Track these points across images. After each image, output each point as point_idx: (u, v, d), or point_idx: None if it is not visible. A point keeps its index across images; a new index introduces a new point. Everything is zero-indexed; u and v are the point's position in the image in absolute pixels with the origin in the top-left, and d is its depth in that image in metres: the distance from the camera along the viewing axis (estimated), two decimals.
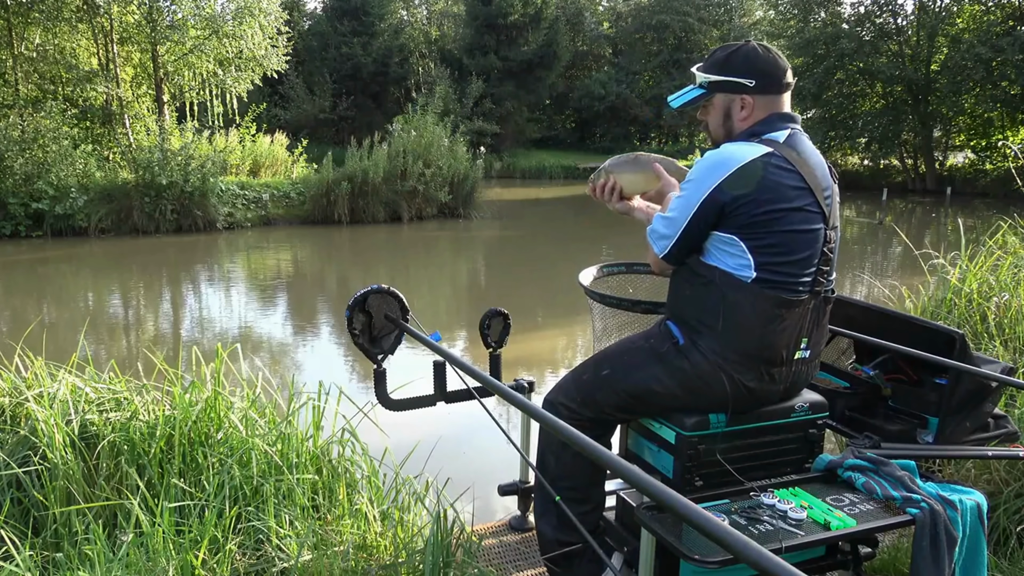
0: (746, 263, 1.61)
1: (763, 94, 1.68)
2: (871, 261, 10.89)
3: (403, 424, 2.61)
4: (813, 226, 1.62)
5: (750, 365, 1.63)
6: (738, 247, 1.61)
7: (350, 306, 2.06)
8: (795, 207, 1.59)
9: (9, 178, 11.28)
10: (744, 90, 1.68)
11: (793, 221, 1.59)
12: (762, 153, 1.59)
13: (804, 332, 1.67)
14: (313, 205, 13.58)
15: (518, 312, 2.21)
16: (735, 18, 33.11)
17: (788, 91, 1.71)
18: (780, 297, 1.61)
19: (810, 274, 1.64)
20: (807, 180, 1.60)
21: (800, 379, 1.74)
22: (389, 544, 2.18)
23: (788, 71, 1.70)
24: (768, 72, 1.68)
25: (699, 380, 1.65)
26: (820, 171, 1.66)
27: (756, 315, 1.60)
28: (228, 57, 16.00)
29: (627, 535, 1.75)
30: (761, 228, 1.59)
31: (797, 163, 1.61)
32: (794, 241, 1.60)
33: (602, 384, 1.77)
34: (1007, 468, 2.29)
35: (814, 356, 1.74)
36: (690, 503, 0.87)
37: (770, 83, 1.68)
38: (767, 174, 1.57)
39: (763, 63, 1.68)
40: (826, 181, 1.67)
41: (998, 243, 4.35)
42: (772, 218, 1.58)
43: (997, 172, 21.99)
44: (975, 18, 22.69)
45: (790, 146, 1.63)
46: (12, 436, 2.42)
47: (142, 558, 1.90)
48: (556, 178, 28.29)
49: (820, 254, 1.65)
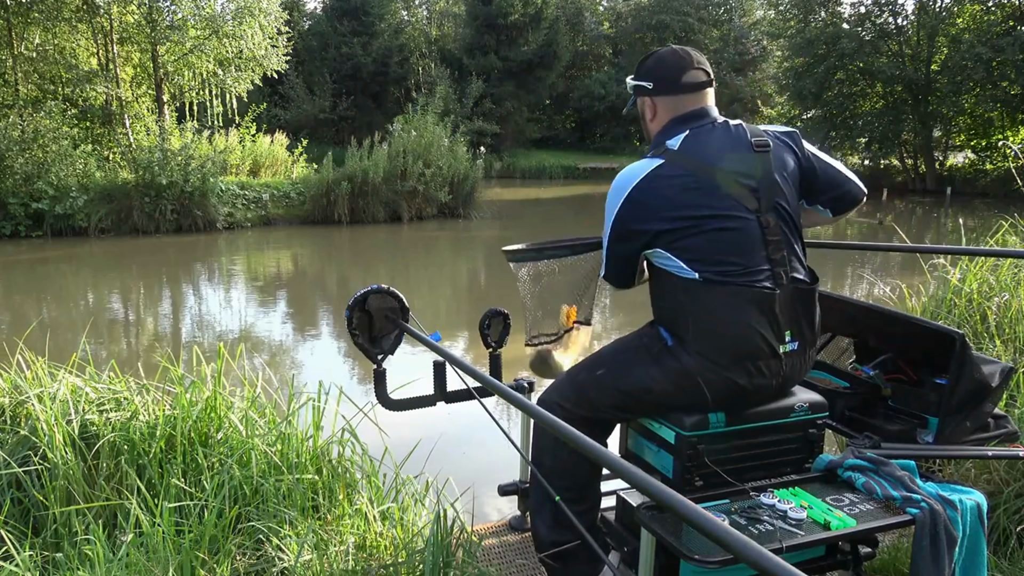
0: (684, 267, 1.64)
1: (662, 95, 1.74)
2: (872, 261, 10.89)
3: (403, 424, 2.61)
4: (729, 224, 1.61)
5: (734, 361, 1.63)
6: (667, 257, 1.66)
7: (350, 306, 2.06)
8: (699, 214, 1.61)
9: (9, 178, 11.28)
10: (646, 92, 1.76)
11: (704, 225, 1.61)
12: (650, 170, 1.64)
13: (786, 325, 1.65)
14: (313, 205, 13.58)
15: (518, 312, 2.21)
16: (735, 18, 33.09)
17: (697, 90, 1.72)
18: (737, 292, 1.60)
19: (763, 267, 1.62)
20: (707, 180, 1.62)
21: (794, 372, 1.72)
22: (389, 544, 2.18)
23: (690, 71, 1.71)
24: (662, 74, 1.73)
25: (690, 379, 1.66)
26: (733, 164, 1.64)
27: (720, 312, 1.62)
28: (228, 57, 16.00)
29: (627, 535, 1.75)
30: (674, 237, 1.62)
31: (692, 166, 1.63)
32: (715, 241, 1.61)
33: (597, 384, 1.78)
34: (1007, 468, 2.29)
35: (806, 348, 1.72)
36: (690, 503, 0.87)
37: (666, 84, 1.72)
38: (657, 190, 1.63)
39: (661, 64, 1.74)
40: (745, 167, 1.64)
41: (999, 243, 4.35)
42: (680, 227, 1.61)
43: (997, 172, 21.98)
44: (975, 18, 22.67)
45: (684, 151, 1.65)
46: (12, 436, 2.42)
47: (142, 558, 1.90)
48: (556, 178, 28.28)
49: (763, 244, 1.63)
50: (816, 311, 1.73)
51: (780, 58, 29.23)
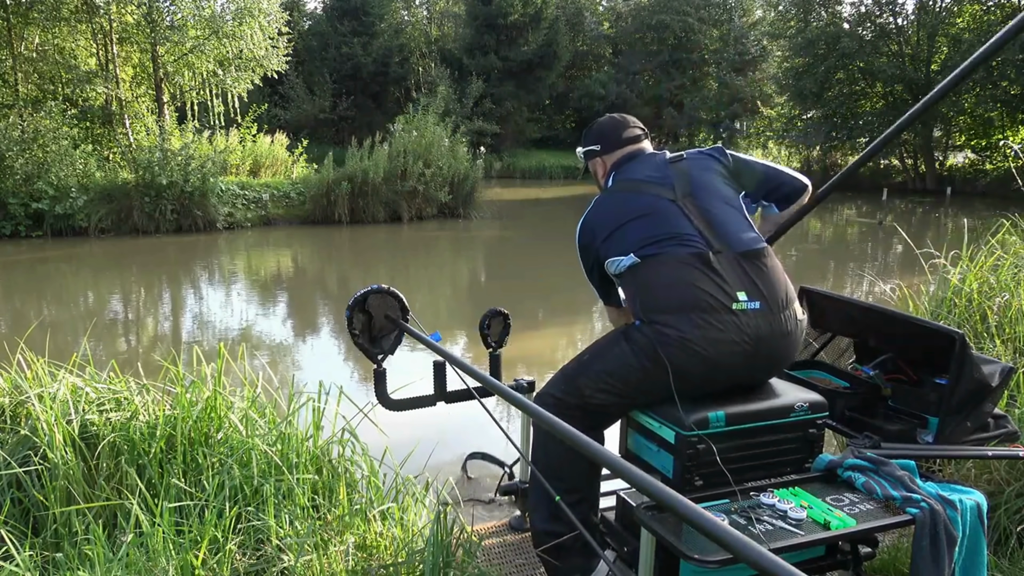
0: (624, 259, 1.88)
1: (609, 152, 2.13)
2: (872, 261, 10.89)
3: (403, 424, 2.61)
4: (650, 211, 1.90)
5: (679, 317, 1.73)
6: (615, 259, 1.92)
7: (350, 306, 2.06)
8: (628, 217, 1.92)
9: (9, 178, 11.28)
10: (596, 154, 2.16)
11: (632, 221, 1.91)
12: (590, 207, 2.04)
13: (736, 284, 1.76)
14: (313, 205, 13.58)
15: (518, 312, 2.22)
16: (735, 18, 33.07)
17: (634, 143, 2.12)
18: (670, 256, 1.81)
19: (691, 234, 1.83)
20: (631, 191, 1.98)
21: (761, 332, 1.74)
22: (389, 544, 2.18)
23: (627, 129, 2.13)
24: (605, 136, 2.14)
25: (653, 346, 1.73)
26: (649, 173, 1.99)
27: (660, 277, 1.81)
28: (228, 57, 16.00)
29: (627, 535, 1.75)
30: (614, 240, 1.93)
31: (622, 188, 2.02)
32: (642, 227, 1.89)
33: (582, 369, 1.85)
34: (1007, 468, 2.29)
35: (774, 308, 1.77)
36: (690, 503, 0.88)
37: (610, 143, 2.13)
38: (599, 213, 2.01)
39: (603, 129, 2.15)
40: (659, 173, 1.98)
41: (1000, 241, 4.34)
42: (617, 229, 1.93)
43: (997, 172, 21.99)
44: (975, 18, 22.69)
45: (618, 180, 2.06)
46: (12, 436, 2.42)
47: (142, 558, 1.90)
48: (556, 178, 28.28)
49: (687, 219, 1.86)
50: (776, 275, 1.83)
51: (780, 58, 29.23)
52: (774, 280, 1.81)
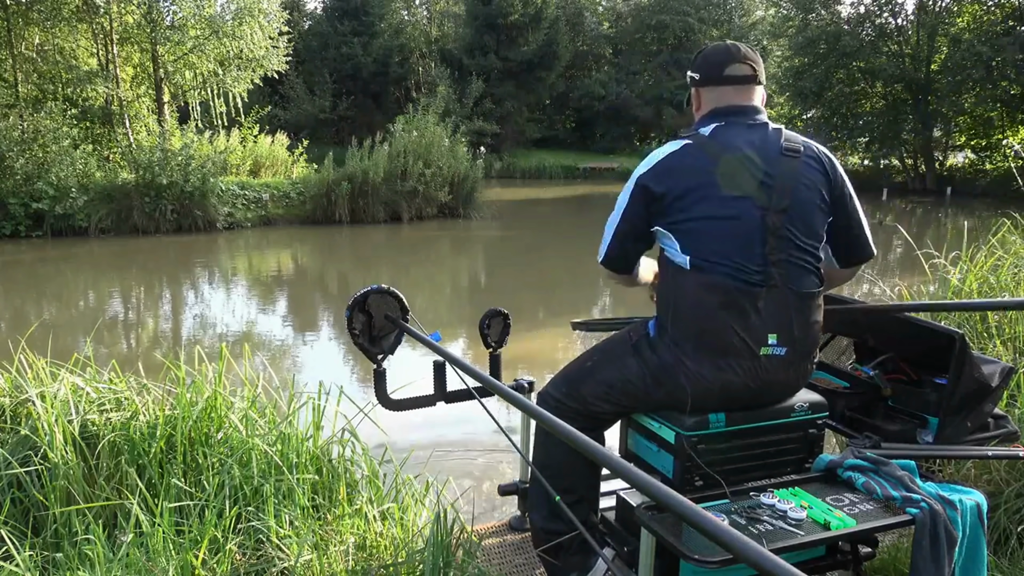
0: (678, 251, 1.67)
1: (705, 86, 1.78)
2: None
3: (403, 424, 2.61)
4: (731, 213, 1.62)
5: (703, 354, 1.64)
6: (669, 237, 1.69)
7: (350, 306, 2.06)
8: (707, 195, 1.63)
9: (9, 178, 11.28)
10: (694, 83, 1.81)
11: (708, 209, 1.63)
12: (676, 148, 1.70)
13: (771, 326, 1.62)
14: (313, 205, 13.59)
15: (518, 312, 2.21)
16: (735, 18, 33.08)
17: (739, 84, 1.74)
18: (719, 283, 1.61)
19: (758, 263, 1.61)
20: (723, 167, 1.64)
21: (779, 379, 1.68)
22: (389, 544, 2.18)
23: (733, 64, 1.73)
24: (706, 66, 1.77)
25: (664, 371, 1.68)
26: (754, 159, 1.65)
27: (697, 301, 1.64)
28: (228, 57, 16.00)
29: (627, 535, 1.75)
30: (679, 215, 1.65)
31: (714, 153, 1.66)
32: (713, 228, 1.63)
33: (586, 375, 1.81)
34: (1007, 468, 2.29)
35: (797, 358, 1.67)
36: (690, 503, 0.87)
37: (709, 76, 1.77)
38: (677, 165, 1.67)
39: (706, 57, 1.79)
40: (766, 165, 1.64)
41: (1000, 241, 4.34)
42: (686, 204, 1.64)
43: (997, 172, 21.98)
44: (975, 18, 22.68)
45: (712, 137, 1.69)
46: (13, 436, 2.42)
47: (142, 558, 1.90)
48: (556, 178, 28.28)
49: (762, 240, 1.62)
50: (815, 322, 1.70)
51: (780, 58, 29.22)
52: (810, 326, 1.69)
